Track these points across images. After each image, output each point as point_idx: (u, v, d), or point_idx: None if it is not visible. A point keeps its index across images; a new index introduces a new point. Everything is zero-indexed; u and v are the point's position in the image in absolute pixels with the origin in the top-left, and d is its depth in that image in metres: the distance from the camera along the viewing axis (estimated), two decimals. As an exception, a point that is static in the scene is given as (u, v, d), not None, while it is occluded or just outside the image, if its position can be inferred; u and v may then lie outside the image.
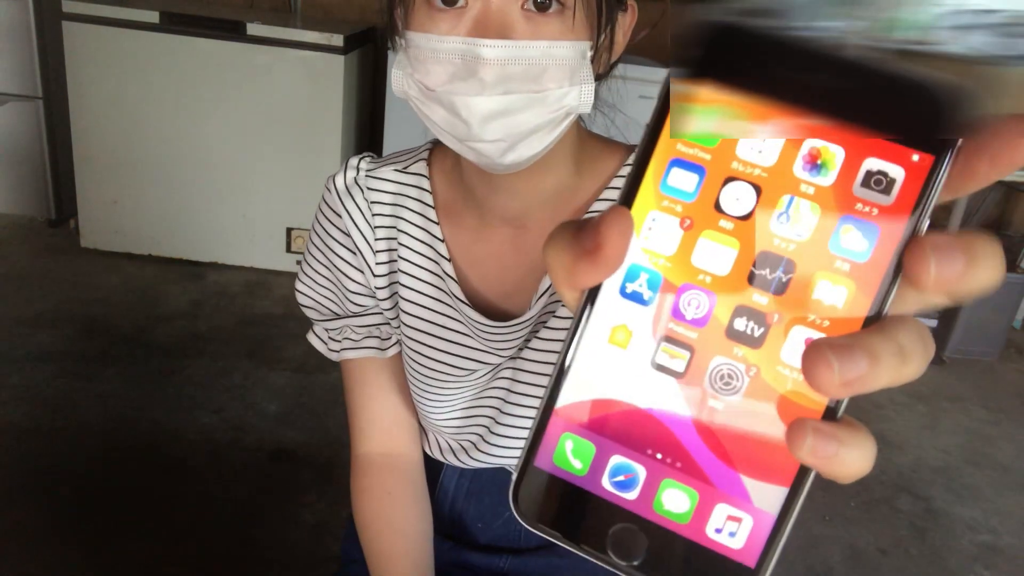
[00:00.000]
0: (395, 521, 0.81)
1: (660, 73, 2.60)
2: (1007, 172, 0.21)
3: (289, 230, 2.94)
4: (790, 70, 0.20)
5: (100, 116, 2.78)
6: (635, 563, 0.23)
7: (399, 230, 0.75)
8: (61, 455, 1.86)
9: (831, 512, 2.06)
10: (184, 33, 2.68)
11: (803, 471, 0.23)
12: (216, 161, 2.84)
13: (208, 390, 2.19)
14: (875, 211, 0.21)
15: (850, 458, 0.22)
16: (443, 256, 0.74)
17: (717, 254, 0.22)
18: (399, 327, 0.78)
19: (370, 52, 3.20)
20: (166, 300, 2.68)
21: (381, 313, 0.79)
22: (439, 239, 0.74)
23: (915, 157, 0.21)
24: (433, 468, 0.87)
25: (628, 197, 0.23)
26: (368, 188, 0.75)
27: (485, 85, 0.57)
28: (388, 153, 0.79)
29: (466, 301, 0.73)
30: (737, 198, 0.22)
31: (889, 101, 0.20)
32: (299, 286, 0.82)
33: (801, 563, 1.86)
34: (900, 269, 0.21)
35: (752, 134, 0.21)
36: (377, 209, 0.75)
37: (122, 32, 2.67)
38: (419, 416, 0.85)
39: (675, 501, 0.23)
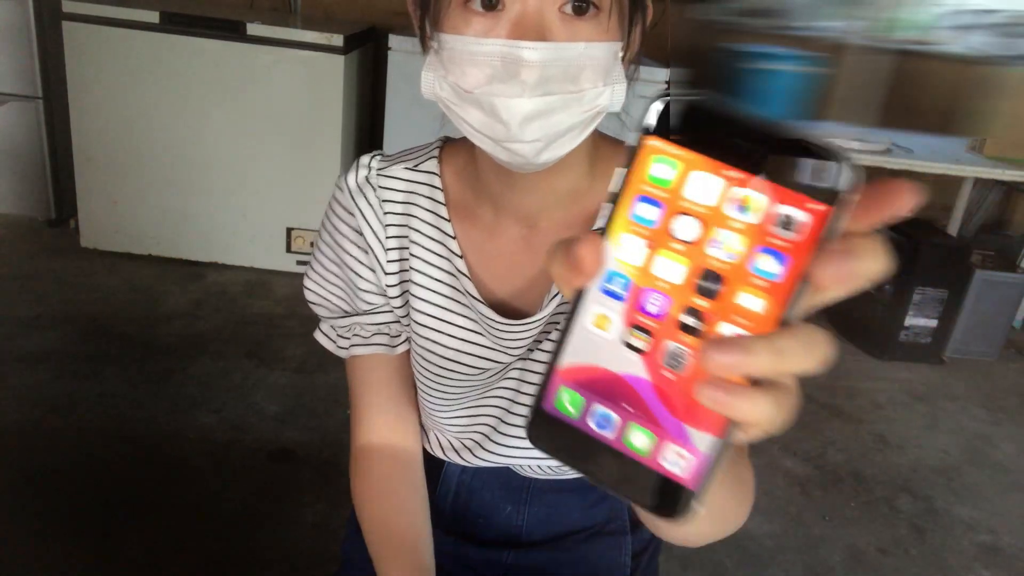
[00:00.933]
0: (393, 499, 0.81)
1: (658, 73, 2.60)
2: (890, 219, 0.28)
3: (289, 230, 2.94)
4: (736, 139, 0.29)
5: (100, 116, 2.78)
6: (610, 480, 0.32)
7: (411, 228, 0.75)
8: (61, 455, 1.86)
9: (831, 512, 2.06)
10: (184, 33, 2.68)
11: (730, 425, 0.30)
12: (216, 161, 2.85)
13: (208, 390, 2.19)
14: (785, 243, 0.28)
15: (745, 407, 0.29)
16: (455, 253, 0.74)
17: (671, 268, 0.30)
18: (409, 324, 0.78)
19: (370, 52, 3.20)
20: (166, 300, 2.68)
21: (391, 311, 0.78)
22: (451, 236, 0.74)
23: (817, 206, 0.28)
24: (435, 465, 0.87)
25: (609, 221, 0.31)
26: (380, 187, 0.76)
27: (526, 87, 0.57)
28: (398, 151, 0.80)
29: (480, 298, 0.73)
30: (685, 228, 0.30)
31: (801, 166, 0.28)
32: (308, 283, 0.81)
33: (801, 563, 1.86)
34: (804, 283, 0.28)
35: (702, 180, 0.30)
36: (388, 208, 0.75)
37: (122, 32, 2.67)
38: (421, 414, 0.85)
39: (639, 440, 0.31)
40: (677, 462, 0.30)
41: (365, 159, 0.76)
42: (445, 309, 0.76)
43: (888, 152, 2.80)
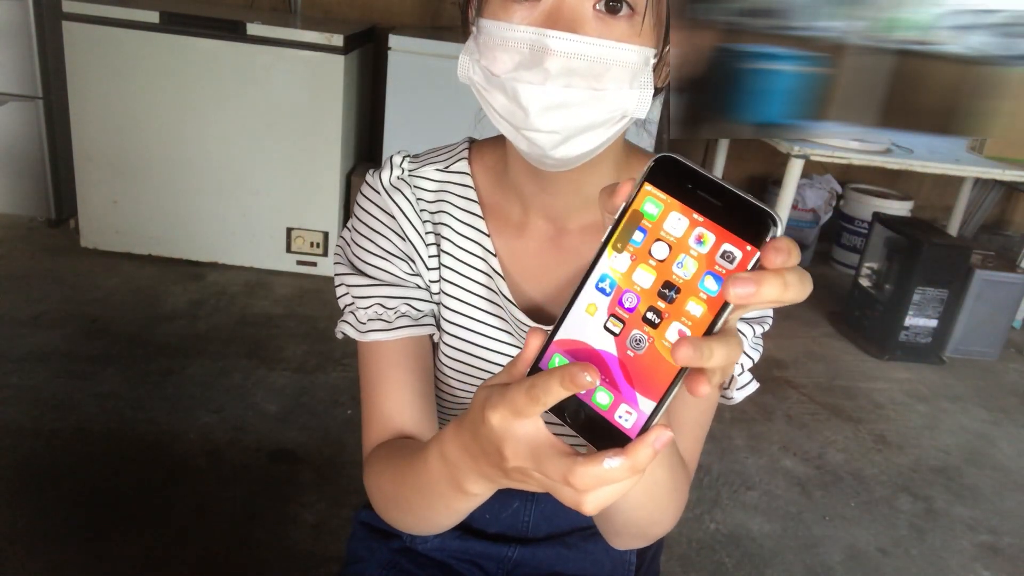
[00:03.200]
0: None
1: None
2: (790, 262, 0.38)
3: (289, 230, 2.94)
4: (704, 193, 0.39)
5: (100, 116, 2.78)
6: (577, 425, 0.42)
7: (444, 225, 0.75)
8: (61, 455, 1.86)
9: (831, 512, 2.06)
10: (184, 33, 2.68)
11: (665, 395, 0.40)
12: (216, 161, 2.85)
13: (208, 390, 2.19)
14: (723, 271, 0.39)
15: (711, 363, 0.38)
16: (490, 252, 0.74)
17: (645, 277, 0.41)
18: (439, 322, 0.77)
19: (370, 52, 3.20)
20: (166, 300, 2.68)
21: (417, 288, 0.76)
22: (485, 235, 0.75)
23: (748, 248, 0.38)
24: None
25: (608, 237, 0.42)
26: (414, 186, 0.76)
27: (548, 75, 0.58)
28: (425, 152, 0.79)
29: (512, 300, 0.73)
30: (659, 250, 0.40)
31: (742, 218, 0.38)
32: (339, 280, 0.77)
33: (801, 563, 1.86)
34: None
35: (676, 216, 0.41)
36: (422, 206, 0.76)
37: (122, 32, 2.67)
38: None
39: (602, 398, 0.42)
40: (625, 417, 0.41)
41: (396, 159, 0.76)
42: (478, 309, 0.76)
43: (888, 152, 2.80)
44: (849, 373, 2.83)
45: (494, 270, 0.74)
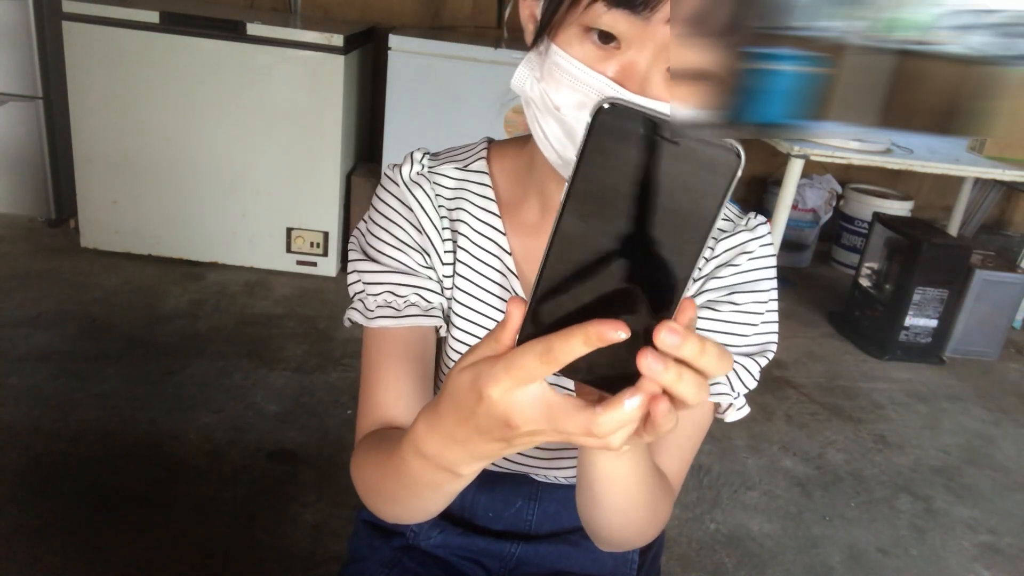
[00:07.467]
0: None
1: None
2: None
3: (289, 230, 2.94)
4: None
5: (100, 116, 2.78)
6: (593, 378, 0.43)
7: (461, 222, 0.76)
8: (61, 455, 1.86)
9: (831, 512, 2.06)
10: (184, 33, 2.68)
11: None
12: (216, 161, 2.85)
13: (208, 390, 2.19)
14: None
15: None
16: (506, 251, 0.75)
17: None
18: (450, 318, 0.78)
19: (370, 52, 3.20)
20: (166, 300, 2.68)
21: (428, 278, 0.76)
22: (502, 233, 0.76)
23: None
24: None
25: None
26: (433, 182, 0.77)
27: None
28: (444, 151, 0.81)
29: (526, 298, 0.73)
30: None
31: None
32: (352, 256, 0.77)
33: (801, 563, 1.86)
34: None
35: None
36: (440, 202, 0.77)
37: (122, 32, 2.67)
38: None
39: None
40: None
41: (417, 155, 0.77)
42: (490, 306, 0.77)
43: (888, 152, 2.80)
44: (849, 373, 2.83)
45: (508, 269, 0.75)
